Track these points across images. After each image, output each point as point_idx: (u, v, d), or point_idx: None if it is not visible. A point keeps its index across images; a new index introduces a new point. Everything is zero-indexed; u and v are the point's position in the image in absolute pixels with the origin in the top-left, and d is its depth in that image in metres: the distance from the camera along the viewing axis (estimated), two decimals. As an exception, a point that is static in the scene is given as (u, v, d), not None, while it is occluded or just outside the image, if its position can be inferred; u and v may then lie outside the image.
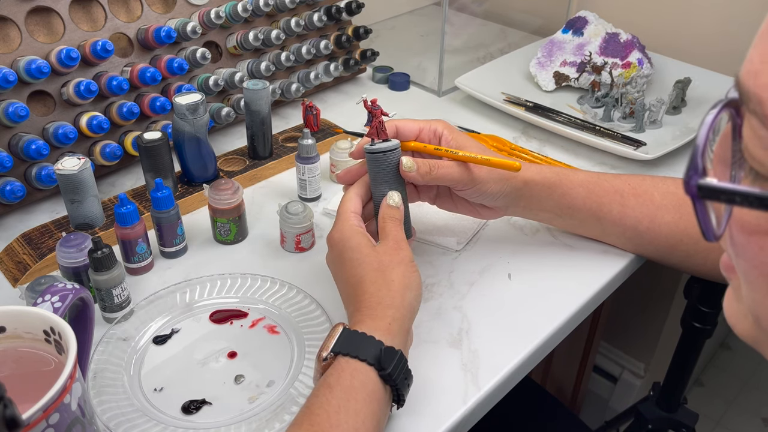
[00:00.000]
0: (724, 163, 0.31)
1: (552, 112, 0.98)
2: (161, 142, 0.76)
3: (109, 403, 0.57)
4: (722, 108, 0.29)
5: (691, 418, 1.03)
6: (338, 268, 0.60)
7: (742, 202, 0.28)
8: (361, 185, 0.65)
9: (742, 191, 0.27)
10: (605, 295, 0.72)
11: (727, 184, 0.28)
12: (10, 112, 0.73)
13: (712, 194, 0.28)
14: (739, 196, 0.27)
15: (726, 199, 0.28)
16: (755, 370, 1.77)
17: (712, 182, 0.28)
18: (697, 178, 0.28)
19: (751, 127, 0.29)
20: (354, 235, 0.59)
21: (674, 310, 1.32)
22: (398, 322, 0.55)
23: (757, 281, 0.32)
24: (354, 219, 0.61)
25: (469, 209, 0.69)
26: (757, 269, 0.31)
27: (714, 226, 0.30)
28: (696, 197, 0.28)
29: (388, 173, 0.62)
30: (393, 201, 0.62)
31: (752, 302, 0.33)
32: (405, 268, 0.58)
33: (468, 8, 1.34)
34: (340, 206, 0.63)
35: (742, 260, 0.32)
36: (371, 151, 0.62)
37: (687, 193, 0.28)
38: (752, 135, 0.29)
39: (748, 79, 0.29)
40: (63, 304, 0.48)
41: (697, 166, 0.28)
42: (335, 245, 0.60)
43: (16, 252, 0.73)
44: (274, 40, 0.94)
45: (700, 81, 1.02)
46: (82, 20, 0.82)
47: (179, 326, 0.66)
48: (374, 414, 0.50)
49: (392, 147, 0.62)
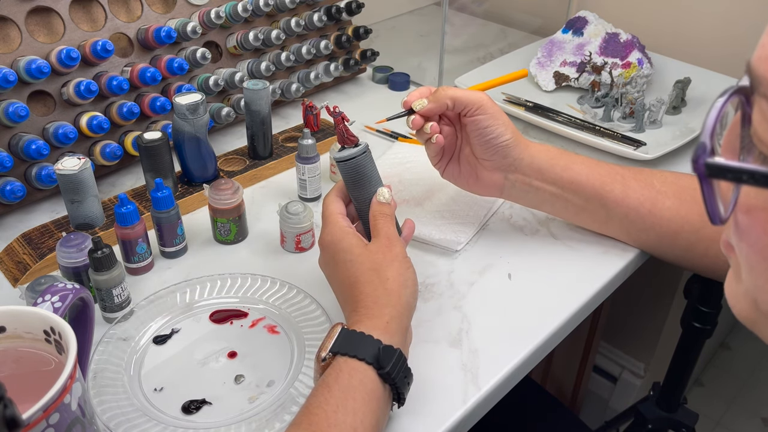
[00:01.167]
0: (733, 151, 0.31)
1: (552, 112, 0.98)
2: (161, 142, 0.76)
3: (109, 403, 0.57)
4: (732, 93, 0.30)
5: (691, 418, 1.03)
6: (332, 270, 0.60)
7: (749, 180, 0.28)
8: (341, 188, 0.65)
9: (750, 169, 0.28)
10: (605, 295, 0.72)
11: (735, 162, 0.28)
12: (10, 112, 0.73)
13: (720, 172, 0.28)
14: (746, 174, 0.28)
15: (733, 177, 0.28)
16: (755, 370, 1.77)
17: (720, 161, 0.28)
18: (705, 156, 0.28)
19: (762, 111, 0.29)
20: (345, 236, 0.60)
21: (674, 310, 1.32)
22: (396, 321, 0.55)
23: (759, 266, 0.32)
24: (342, 220, 0.61)
25: (470, 175, 0.71)
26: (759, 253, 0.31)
27: (720, 209, 0.30)
28: (703, 176, 0.29)
29: (361, 176, 0.62)
30: (383, 197, 0.62)
31: (753, 286, 0.33)
32: (399, 265, 0.58)
33: (468, 8, 1.34)
34: (324, 210, 0.63)
35: (745, 244, 0.32)
36: (339, 159, 0.62)
37: (695, 171, 0.29)
38: (762, 119, 0.29)
39: (759, 64, 0.29)
40: (63, 304, 0.48)
41: (705, 146, 0.28)
42: (327, 248, 0.60)
43: (16, 252, 0.73)
44: (274, 40, 0.94)
45: (700, 81, 1.02)
46: (82, 20, 0.83)
47: (179, 326, 0.66)
48: (373, 413, 0.50)
49: (360, 152, 0.62)
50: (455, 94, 0.67)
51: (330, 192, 0.65)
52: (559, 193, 0.70)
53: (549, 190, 0.70)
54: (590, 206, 0.71)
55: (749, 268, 0.33)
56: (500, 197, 0.73)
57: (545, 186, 0.70)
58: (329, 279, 0.62)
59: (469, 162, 0.71)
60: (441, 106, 0.67)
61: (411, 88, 1.12)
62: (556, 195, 0.70)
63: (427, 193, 0.82)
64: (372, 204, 0.62)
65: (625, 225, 0.71)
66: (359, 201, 0.63)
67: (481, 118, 0.67)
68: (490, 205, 0.80)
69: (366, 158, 0.62)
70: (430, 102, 0.67)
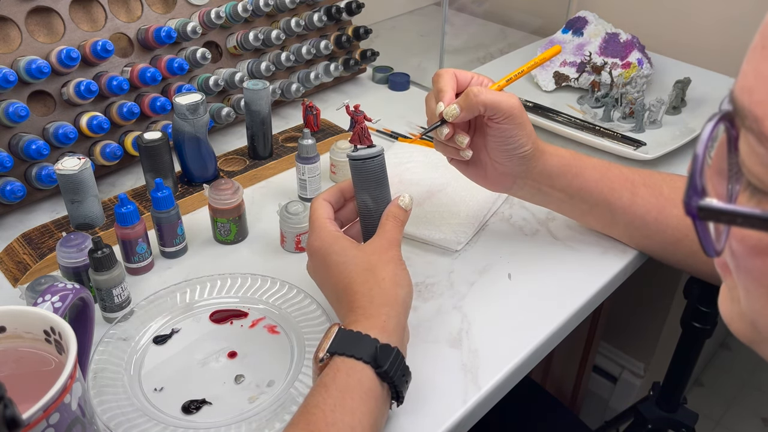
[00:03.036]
0: (721, 175, 0.31)
1: (552, 112, 0.98)
2: (161, 142, 0.76)
3: (109, 403, 0.57)
4: (717, 122, 0.29)
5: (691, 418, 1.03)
6: (324, 274, 0.60)
7: (743, 224, 0.27)
8: (332, 192, 0.64)
9: (744, 212, 0.27)
10: (605, 295, 0.72)
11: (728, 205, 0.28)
12: (11, 112, 0.73)
13: (713, 215, 0.28)
14: (740, 217, 0.27)
15: (727, 220, 0.28)
16: (755, 370, 1.77)
17: (713, 203, 0.28)
18: (698, 199, 0.28)
19: (748, 144, 0.28)
20: (336, 240, 0.59)
21: (674, 310, 1.32)
22: (393, 320, 0.55)
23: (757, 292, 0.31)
24: (330, 225, 0.61)
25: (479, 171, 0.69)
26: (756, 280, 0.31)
27: (714, 241, 0.30)
28: (696, 218, 0.28)
29: (372, 179, 0.61)
30: (403, 202, 0.61)
31: (749, 310, 0.33)
32: (395, 266, 0.57)
33: (468, 8, 1.34)
34: (312, 215, 0.62)
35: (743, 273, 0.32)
36: (354, 157, 0.61)
37: (687, 214, 0.28)
38: (749, 151, 0.28)
39: (742, 96, 0.28)
40: (63, 304, 0.48)
41: (696, 186, 0.28)
42: (316, 253, 0.60)
43: (16, 252, 0.73)
44: (274, 40, 0.94)
45: (699, 81, 1.02)
46: (82, 20, 0.83)
47: (179, 326, 0.66)
48: (371, 412, 0.50)
49: (376, 153, 0.61)
50: (487, 100, 0.62)
51: (317, 197, 0.63)
52: (566, 198, 0.70)
53: (557, 195, 0.70)
54: (596, 211, 0.71)
55: (746, 292, 0.32)
56: (506, 194, 0.73)
57: (554, 192, 0.69)
58: (320, 284, 0.62)
59: (482, 159, 0.69)
60: (473, 114, 0.63)
61: (411, 88, 1.12)
62: (564, 199, 0.70)
63: (427, 193, 0.82)
64: (391, 204, 0.61)
65: (629, 230, 0.72)
66: (362, 204, 0.63)
67: (508, 127, 0.64)
68: (489, 206, 0.80)
69: (379, 161, 0.61)
70: (462, 110, 0.62)
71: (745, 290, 0.32)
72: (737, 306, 0.34)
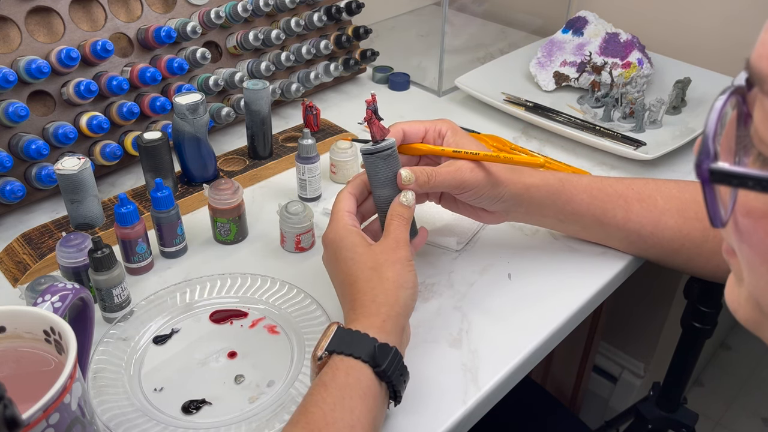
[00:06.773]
0: (728, 152, 0.31)
1: (552, 112, 0.98)
2: (161, 142, 0.76)
3: (109, 403, 0.57)
4: (731, 94, 0.30)
5: (691, 418, 1.03)
6: (334, 267, 0.61)
7: (754, 186, 0.28)
8: (356, 184, 0.64)
9: (756, 175, 0.27)
10: (605, 295, 0.72)
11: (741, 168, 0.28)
12: (10, 112, 0.73)
13: (724, 178, 0.28)
14: (752, 180, 0.27)
15: (738, 183, 0.28)
16: (755, 370, 1.77)
17: (724, 166, 0.28)
18: (709, 162, 0.28)
19: (763, 109, 0.29)
20: (348, 234, 0.60)
21: (674, 310, 1.32)
22: (392, 320, 0.55)
23: (761, 267, 0.32)
24: (348, 218, 0.61)
25: (471, 212, 0.69)
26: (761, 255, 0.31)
27: (721, 212, 0.30)
28: (707, 181, 0.28)
29: (386, 173, 0.62)
30: (406, 199, 0.62)
31: (754, 288, 0.33)
32: (401, 266, 0.57)
33: (468, 8, 1.34)
34: (334, 206, 0.63)
35: (747, 246, 0.32)
36: (367, 152, 0.61)
37: (698, 176, 0.28)
38: (764, 117, 0.29)
39: (760, 62, 0.29)
40: (63, 304, 0.48)
41: (708, 151, 0.28)
42: (330, 245, 0.61)
43: (16, 252, 0.73)
44: (274, 40, 0.94)
45: (700, 81, 1.02)
46: (82, 20, 0.82)
47: (179, 326, 0.66)
48: (370, 411, 0.50)
49: (387, 146, 0.61)
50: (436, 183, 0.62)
51: (344, 188, 0.64)
52: (558, 222, 0.71)
53: (549, 221, 0.71)
54: (590, 230, 0.72)
55: (750, 270, 0.33)
56: None
57: (546, 219, 0.70)
58: (331, 276, 0.62)
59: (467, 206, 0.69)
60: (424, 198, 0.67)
61: (411, 88, 1.12)
62: (556, 224, 0.71)
63: (427, 193, 0.82)
64: (393, 203, 0.62)
65: (625, 244, 0.72)
66: (378, 199, 0.63)
67: (467, 196, 0.64)
68: (490, 205, 0.80)
69: (392, 154, 0.62)
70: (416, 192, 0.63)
71: (749, 268, 0.33)
72: (743, 290, 0.34)
